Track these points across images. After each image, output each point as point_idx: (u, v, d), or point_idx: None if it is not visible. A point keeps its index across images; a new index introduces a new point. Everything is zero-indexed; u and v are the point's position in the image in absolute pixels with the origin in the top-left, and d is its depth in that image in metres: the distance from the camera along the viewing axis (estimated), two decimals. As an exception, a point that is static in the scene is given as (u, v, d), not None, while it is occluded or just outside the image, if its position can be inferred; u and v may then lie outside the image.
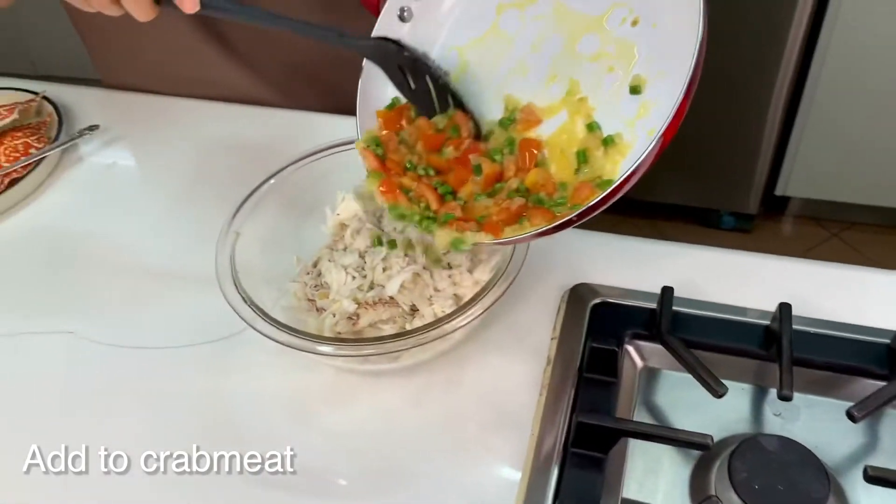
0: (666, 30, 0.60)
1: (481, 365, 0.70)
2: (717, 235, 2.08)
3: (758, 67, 1.74)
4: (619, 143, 0.61)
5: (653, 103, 0.60)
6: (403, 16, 0.66)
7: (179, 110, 1.03)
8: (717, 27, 1.60)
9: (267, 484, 0.63)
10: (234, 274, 0.66)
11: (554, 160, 0.63)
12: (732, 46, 1.72)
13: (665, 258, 0.78)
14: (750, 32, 1.69)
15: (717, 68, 1.75)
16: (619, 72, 0.61)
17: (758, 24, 1.67)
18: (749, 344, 0.67)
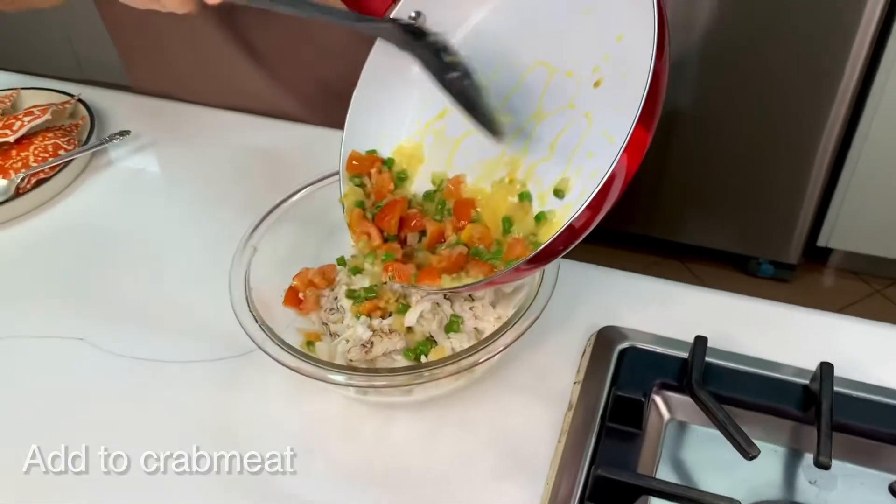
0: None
1: (498, 405, 0.66)
2: (755, 283, 2.02)
3: (807, 114, 1.70)
4: (550, 219, 0.62)
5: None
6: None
7: (211, 120, 1.02)
8: (769, 67, 1.57)
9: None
10: (247, 291, 0.64)
11: (487, 219, 0.65)
12: (783, 89, 1.68)
13: (700, 305, 0.74)
14: (802, 76, 1.65)
15: (766, 112, 1.72)
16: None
17: (811, 69, 1.63)
18: (785, 403, 0.63)
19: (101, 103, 1.05)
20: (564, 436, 0.63)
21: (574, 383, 0.67)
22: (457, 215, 0.65)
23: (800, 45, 1.61)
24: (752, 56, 1.65)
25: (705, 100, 1.75)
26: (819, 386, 0.61)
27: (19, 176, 0.91)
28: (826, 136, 1.72)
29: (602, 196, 0.55)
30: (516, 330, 0.60)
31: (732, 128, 1.78)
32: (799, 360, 0.66)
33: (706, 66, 1.70)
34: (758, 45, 1.63)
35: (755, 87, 1.69)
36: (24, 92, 1.05)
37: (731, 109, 1.75)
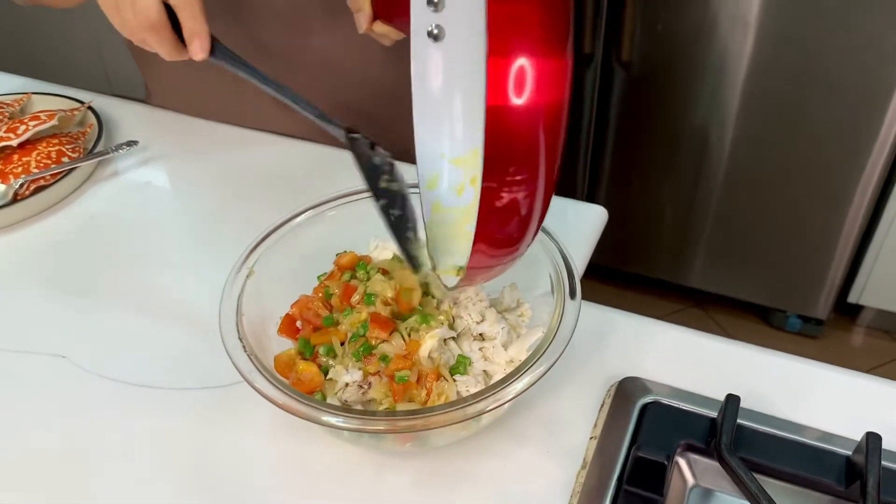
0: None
1: (505, 458, 0.60)
2: (781, 337, 1.95)
3: (842, 167, 1.64)
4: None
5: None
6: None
7: (222, 135, 0.98)
8: (805, 118, 1.53)
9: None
10: (238, 316, 0.59)
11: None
12: (818, 141, 1.62)
13: (731, 359, 0.68)
14: (838, 128, 1.59)
15: (800, 164, 1.67)
16: None
17: (848, 121, 1.58)
18: (825, 476, 0.56)
19: (112, 112, 1.02)
20: (576, 497, 0.56)
21: (590, 439, 0.61)
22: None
23: (837, 96, 1.56)
24: (788, 106, 1.61)
25: (738, 149, 1.70)
26: (864, 459, 0.54)
27: (18, 182, 0.87)
28: (861, 190, 1.66)
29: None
30: (530, 376, 0.54)
31: (765, 177, 1.73)
32: (842, 429, 0.60)
33: (740, 114, 1.65)
34: (794, 96, 1.59)
35: (790, 137, 1.64)
36: (36, 97, 1.03)
37: (764, 159, 1.70)
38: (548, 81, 0.41)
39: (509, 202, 0.44)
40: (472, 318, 0.62)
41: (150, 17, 0.60)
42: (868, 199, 1.67)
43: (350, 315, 0.61)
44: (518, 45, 0.40)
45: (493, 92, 0.40)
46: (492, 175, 0.42)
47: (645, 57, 1.66)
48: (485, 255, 0.48)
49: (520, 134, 0.42)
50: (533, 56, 0.41)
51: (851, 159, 1.63)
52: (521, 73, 0.41)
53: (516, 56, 0.40)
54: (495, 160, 0.42)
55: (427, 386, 0.57)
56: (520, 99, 0.41)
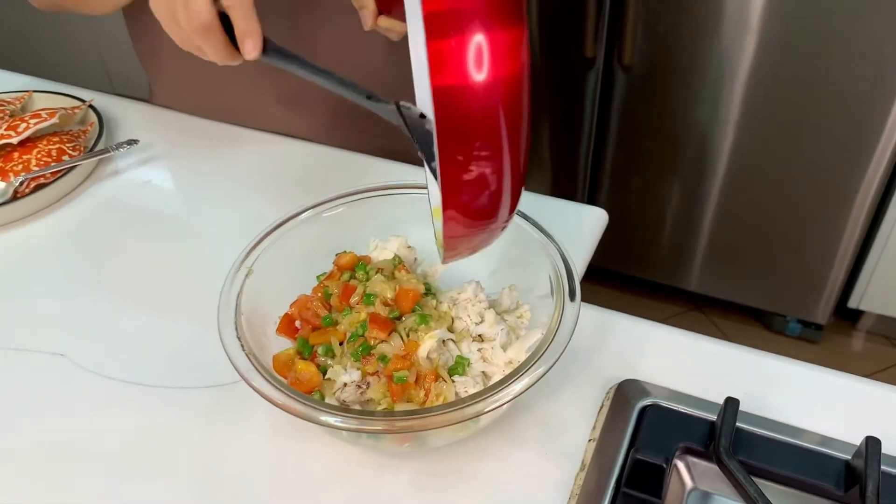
0: None
1: (503, 460, 0.60)
2: (780, 341, 1.94)
3: (844, 172, 1.64)
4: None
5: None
6: None
7: (224, 136, 0.98)
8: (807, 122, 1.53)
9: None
10: (236, 315, 0.58)
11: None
12: (820, 145, 1.62)
13: (730, 363, 0.68)
14: (840, 132, 1.59)
15: (801, 168, 1.67)
16: None
17: (850, 125, 1.57)
18: (824, 480, 0.56)
19: (114, 111, 1.02)
20: (574, 499, 0.56)
21: (588, 441, 0.61)
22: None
23: (839, 101, 1.56)
24: (789, 110, 1.60)
25: (739, 153, 1.70)
26: (864, 463, 0.54)
27: (18, 179, 0.87)
28: (862, 195, 1.66)
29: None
30: (528, 377, 0.54)
31: (766, 181, 1.72)
32: (841, 433, 0.59)
33: (741, 118, 1.65)
34: (795, 100, 1.58)
35: (791, 141, 1.64)
36: (37, 95, 1.03)
37: (765, 163, 1.70)
38: (498, 55, 0.41)
39: (473, 176, 0.44)
40: (471, 319, 0.62)
41: (202, 20, 0.59)
42: (869, 204, 1.67)
43: (349, 315, 0.61)
44: (451, 23, 0.40)
45: (434, 74, 0.41)
46: (446, 151, 0.43)
47: (646, 59, 1.66)
48: (458, 224, 0.47)
49: (467, 111, 0.42)
50: (471, 33, 0.40)
51: (853, 164, 1.63)
52: (459, 51, 0.40)
53: (451, 35, 0.40)
54: (447, 137, 0.42)
55: (425, 387, 0.57)
56: (457, 77, 0.41)
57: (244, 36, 0.59)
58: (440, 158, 0.43)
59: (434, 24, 0.40)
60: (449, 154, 0.43)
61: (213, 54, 0.63)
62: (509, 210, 0.49)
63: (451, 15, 0.40)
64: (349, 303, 0.63)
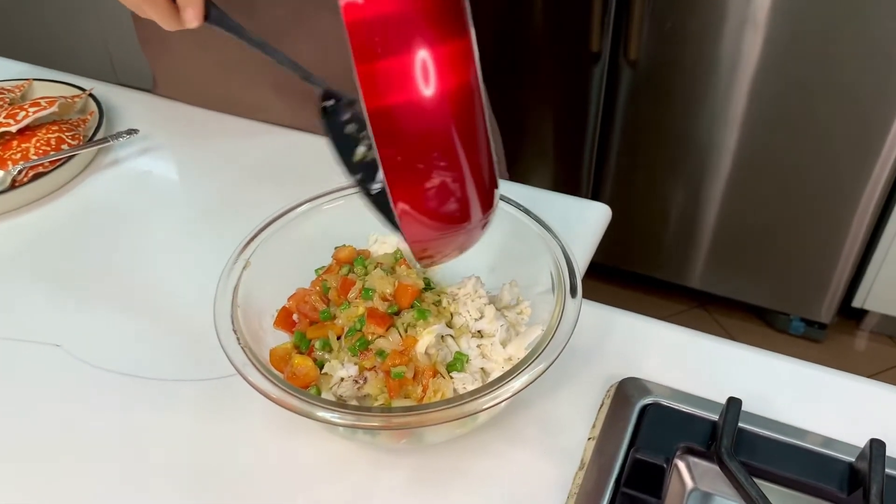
0: None
1: (501, 458, 0.59)
2: (784, 340, 1.93)
3: (849, 170, 1.63)
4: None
5: None
6: None
7: (225, 127, 0.97)
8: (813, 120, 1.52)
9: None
10: (233, 308, 0.58)
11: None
12: (826, 144, 1.61)
13: (732, 362, 0.67)
14: (846, 131, 1.58)
15: (806, 167, 1.65)
16: None
17: (856, 124, 1.56)
18: (827, 483, 0.55)
19: (114, 100, 1.01)
20: (573, 499, 0.56)
21: (588, 439, 0.60)
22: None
23: (845, 100, 1.54)
24: (796, 108, 1.59)
25: (744, 150, 1.69)
26: (868, 466, 0.53)
27: (16, 168, 0.86)
28: (868, 194, 1.65)
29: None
30: (528, 374, 0.53)
31: (771, 179, 1.71)
32: (845, 435, 0.59)
33: (747, 116, 1.63)
34: (801, 98, 1.57)
35: (797, 139, 1.63)
36: (37, 83, 1.02)
37: (770, 161, 1.69)
38: (441, 69, 0.40)
39: (425, 182, 0.43)
40: (470, 315, 0.62)
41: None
42: (874, 203, 1.66)
43: (347, 309, 0.60)
44: (377, 45, 0.39)
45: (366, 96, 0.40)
46: (386, 158, 0.42)
47: (652, 55, 1.65)
48: (419, 225, 0.46)
49: (406, 129, 0.41)
50: (396, 54, 0.40)
51: (858, 163, 1.61)
52: (387, 73, 0.40)
53: (378, 59, 0.39)
54: (386, 149, 0.42)
55: (423, 382, 0.56)
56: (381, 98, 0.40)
57: (185, 4, 0.61)
58: (382, 166, 0.42)
59: (360, 38, 0.39)
60: (390, 160, 0.42)
61: (156, 18, 0.64)
62: (480, 211, 0.47)
63: (377, 25, 0.39)
64: (347, 297, 0.62)
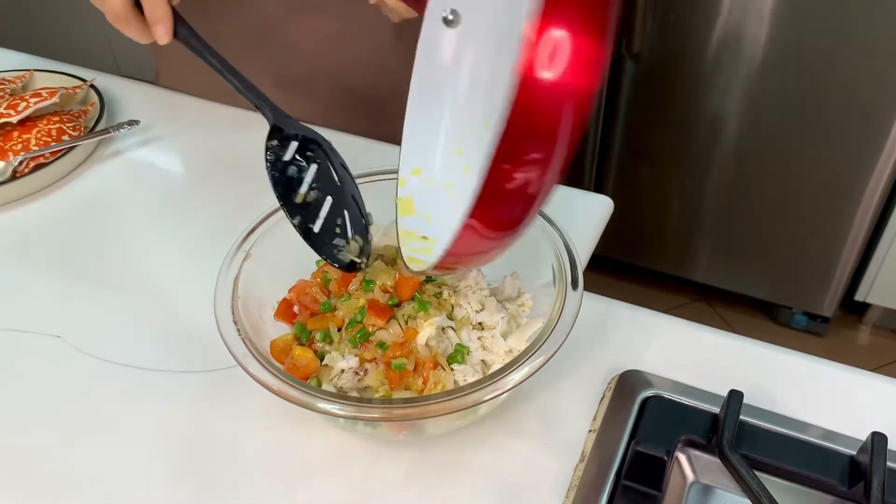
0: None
1: (502, 450, 0.59)
2: (786, 334, 1.93)
3: (853, 163, 1.62)
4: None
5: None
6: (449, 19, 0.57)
7: (225, 118, 0.97)
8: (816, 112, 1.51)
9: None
10: (233, 299, 0.58)
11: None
12: (829, 136, 1.60)
13: (734, 355, 0.67)
14: (850, 124, 1.57)
15: (810, 159, 1.65)
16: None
17: (859, 117, 1.56)
18: (828, 476, 0.55)
19: (115, 91, 1.01)
20: (573, 491, 0.55)
21: (589, 432, 0.60)
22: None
23: (849, 93, 1.54)
24: (799, 101, 1.59)
25: (747, 143, 1.68)
26: (870, 459, 0.53)
27: (17, 159, 0.86)
28: (871, 188, 1.64)
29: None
30: (528, 366, 0.53)
31: (774, 173, 1.71)
32: (846, 428, 0.58)
33: (750, 108, 1.63)
34: (805, 91, 1.57)
35: (800, 132, 1.62)
36: (38, 74, 1.01)
37: (773, 154, 1.68)
38: (586, 63, 0.39)
39: (517, 184, 0.42)
40: (471, 307, 0.61)
41: (116, 11, 0.65)
42: (878, 197, 1.65)
43: (348, 301, 0.60)
44: (566, 15, 0.37)
45: (528, 62, 0.37)
46: (505, 153, 0.40)
47: (655, 48, 1.64)
48: (475, 241, 0.45)
49: (546, 111, 0.40)
50: (578, 33, 0.38)
51: (862, 156, 1.61)
52: (561, 46, 0.38)
53: (561, 25, 0.37)
54: (514, 138, 0.39)
55: (424, 374, 0.56)
56: (553, 74, 0.38)
57: (154, 23, 0.65)
58: (493, 160, 0.40)
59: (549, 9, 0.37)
60: (502, 157, 0.40)
61: (132, 36, 0.68)
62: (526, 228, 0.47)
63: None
64: (348, 289, 0.62)
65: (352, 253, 0.61)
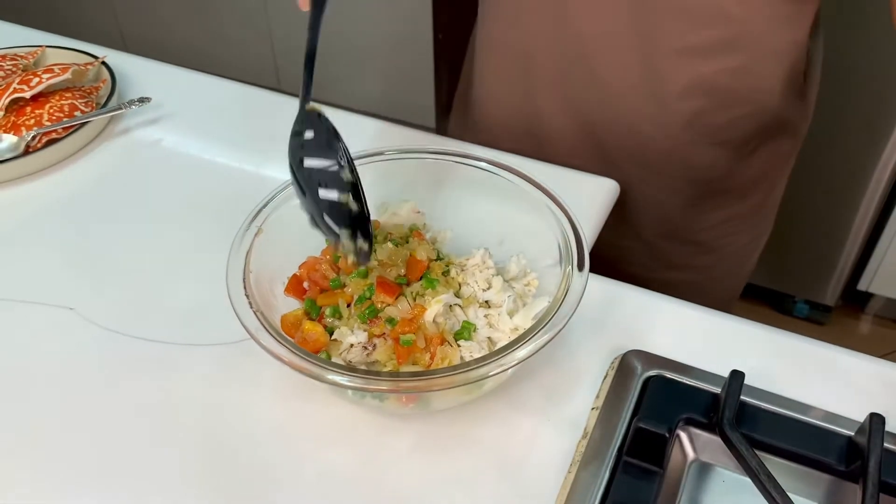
0: None
1: (506, 425, 0.60)
2: (788, 322, 1.94)
3: (859, 152, 1.62)
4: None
5: None
6: None
7: (239, 96, 0.98)
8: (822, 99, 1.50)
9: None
10: (245, 274, 0.59)
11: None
12: (835, 123, 1.60)
13: (737, 337, 0.68)
14: (856, 111, 1.57)
15: (815, 146, 1.64)
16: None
17: (866, 104, 1.56)
18: (826, 456, 0.56)
19: (127, 68, 1.02)
20: (576, 466, 0.57)
21: (591, 409, 0.61)
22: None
23: (854, 83, 1.54)
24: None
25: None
26: (867, 440, 0.54)
27: (30, 134, 0.87)
28: (877, 177, 1.64)
29: None
30: (534, 343, 0.54)
31: (779, 159, 1.71)
32: (845, 409, 0.59)
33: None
34: (814, 75, 1.56)
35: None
36: (50, 51, 1.02)
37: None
38: None
39: None
40: (478, 286, 0.62)
41: None
42: (883, 187, 1.65)
43: (356, 278, 0.61)
44: None
45: None
46: None
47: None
48: None
49: None
50: None
51: (867, 146, 1.61)
52: None
53: None
54: None
55: (431, 350, 0.57)
56: None
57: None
58: None
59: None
60: None
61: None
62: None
63: None
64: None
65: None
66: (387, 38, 2.09)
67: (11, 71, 0.94)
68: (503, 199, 0.66)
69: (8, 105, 0.89)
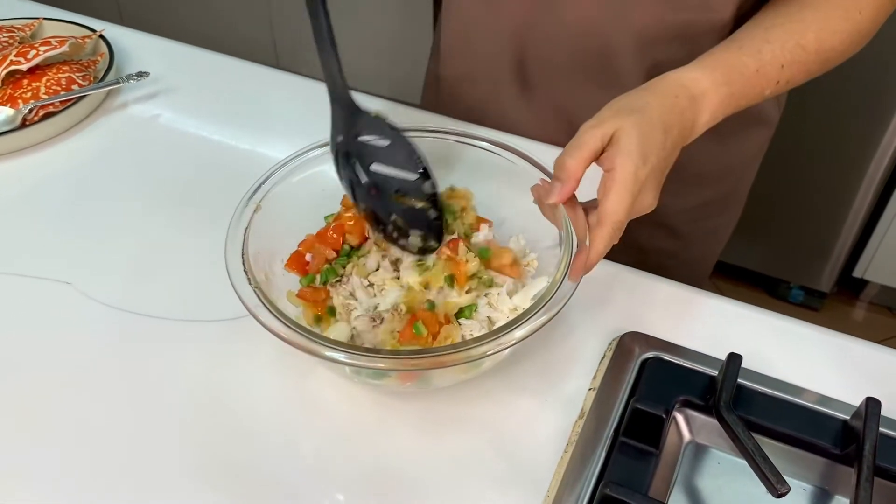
0: None
1: (504, 405, 0.61)
2: (783, 308, 1.94)
3: (856, 140, 1.62)
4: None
5: None
6: None
7: (239, 72, 0.97)
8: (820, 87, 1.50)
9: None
10: (244, 249, 0.58)
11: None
12: (834, 112, 1.60)
13: (734, 321, 0.68)
14: (854, 100, 1.57)
15: (813, 135, 1.65)
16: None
17: (864, 93, 1.55)
18: (822, 439, 0.56)
19: (125, 42, 1.01)
20: (572, 446, 0.57)
21: (588, 390, 0.61)
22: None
23: (851, 69, 1.52)
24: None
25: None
26: (862, 423, 0.54)
27: (27, 107, 0.86)
28: (875, 164, 1.65)
29: None
30: (532, 323, 0.54)
31: (775, 148, 1.70)
32: (841, 394, 0.60)
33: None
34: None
35: (802, 108, 1.62)
36: (47, 23, 1.01)
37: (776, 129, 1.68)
38: None
39: None
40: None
41: None
42: (881, 174, 1.65)
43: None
44: None
45: None
46: None
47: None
48: None
49: None
50: None
51: (865, 133, 1.61)
52: None
53: None
54: None
55: (432, 329, 0.57)
56: None
57: None
58: None
59: None
60: None
61: None
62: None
63: None
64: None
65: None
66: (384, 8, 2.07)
67: (8, 43, 0.94)
68: (506, 182, 0.66)
69: (4, 77, 0.89)
